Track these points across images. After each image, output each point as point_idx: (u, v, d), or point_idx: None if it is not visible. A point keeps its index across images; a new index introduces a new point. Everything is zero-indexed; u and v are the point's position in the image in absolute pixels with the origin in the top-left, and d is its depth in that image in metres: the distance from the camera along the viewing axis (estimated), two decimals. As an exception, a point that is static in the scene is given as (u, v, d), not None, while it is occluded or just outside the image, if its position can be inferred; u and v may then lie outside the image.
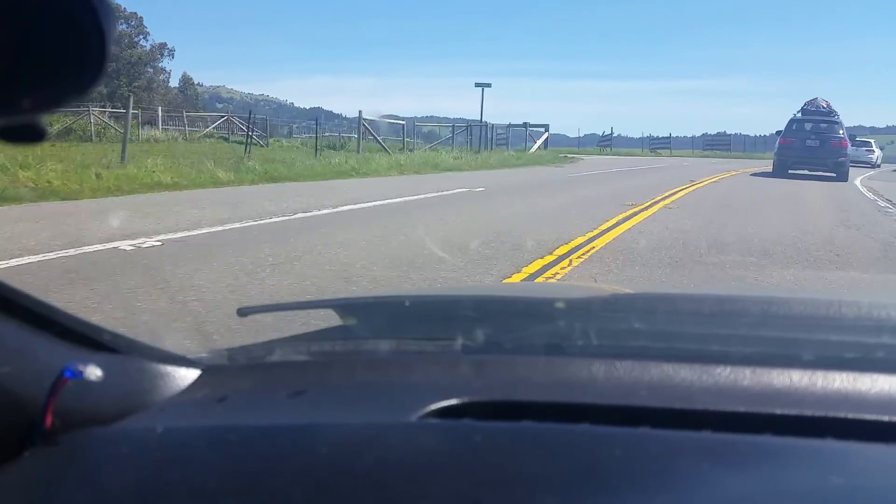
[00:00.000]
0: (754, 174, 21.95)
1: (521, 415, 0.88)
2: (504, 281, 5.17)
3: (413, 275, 5.28)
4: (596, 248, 6.81)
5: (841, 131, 21.08)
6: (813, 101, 22.90)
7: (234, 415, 0.97)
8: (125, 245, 6.05)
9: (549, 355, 1.11)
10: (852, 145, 22.01)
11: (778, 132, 22.11)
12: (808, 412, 0.87)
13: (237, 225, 7.60)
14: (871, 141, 38.90)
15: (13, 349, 0.87)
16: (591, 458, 0.79)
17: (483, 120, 29.56)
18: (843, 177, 19.84)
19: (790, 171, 20.34)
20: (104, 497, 0.78)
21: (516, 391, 0.98)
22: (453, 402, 0.93)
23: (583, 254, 6.48)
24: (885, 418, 0.86)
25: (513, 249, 6.48)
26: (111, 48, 0.56)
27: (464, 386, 0.99)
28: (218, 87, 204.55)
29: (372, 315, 1.56)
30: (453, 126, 36.06)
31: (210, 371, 1.09)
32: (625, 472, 0.77)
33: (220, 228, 7.32)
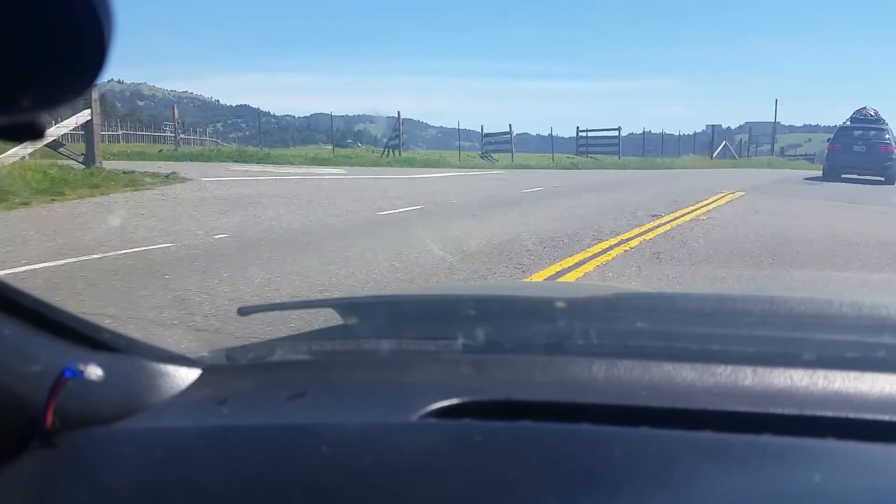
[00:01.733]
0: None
1: (522, 414, 0.88)
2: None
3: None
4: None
5: (888, 136, 22.17)
6: (861, 110, 24.12)
7: (234, 415, 0.97)
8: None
9: (549, 355, 1.11)
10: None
11: (828, 139, 24.03)
12: (809, 412, 0.87)
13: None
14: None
15: (14, 348, 0.87)
16: (592, 458, 0.79)
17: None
18: (890, 180, 20.85)
19: (842, 176, 21.47)
20: (104, 497, 0.78)
21: (516, 391, 0.98)
22: (454, 401, 0.93)
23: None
24: (886, 418, 0.86)
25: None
26: (111, 47, 0.56)
27: (464, 385, 0.99)
28: (139, 84, 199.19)
29: (372, 314, 1.57)
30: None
31: (210, 371, 1.09)
32: (625, 471, 0.77)
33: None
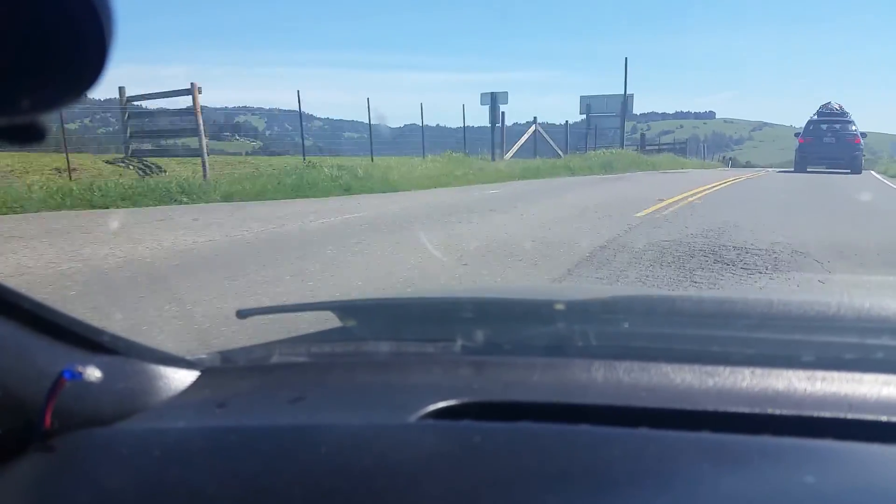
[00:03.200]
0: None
1: (521, 416, 0.88)
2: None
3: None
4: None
5: (854, 128, 23.51)
6: (827, 104, 25.40)
7: (233, 416, 0.97)
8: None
9: (548, 356, 1.11)
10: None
11: (796, 133, 25.22)
12: (808, 413, 0.87)
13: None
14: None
15: (13, 350, 0.87)
16: (591, 459, 0.79)
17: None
18: (857, 170, 22.25)
19: (808, 169, 23.01)
20: (104, 497, 0.78)
21: (515, 392, 0.98)
22: (452, 402, 0.93)
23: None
24: (884, 419, 0.86)
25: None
26: (111, 49, 0.56)
27: (463, 387, 0.99)
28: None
29: (371, 316, 1.57)
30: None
31: (209, 373, 1.09)
32: (624, 472, 0.76)
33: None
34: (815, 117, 24.79)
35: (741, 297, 1.34)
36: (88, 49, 0.55)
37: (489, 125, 24.98)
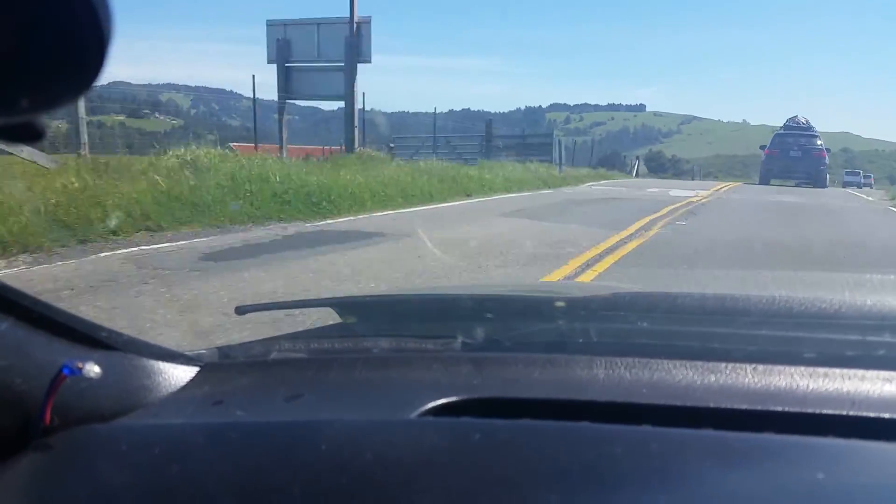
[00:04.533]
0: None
1: (521, 412, 0.88)
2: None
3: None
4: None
5: (819, 142, 23.87)
6: (794, 118, 25.74)
7: (232, 412, 0.96)
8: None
9: (549, 353, 1.11)
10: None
11: (762, 146, 25.51)
12: (810, 410, 0.88)
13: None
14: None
15: (12, 347, 0.86)
16: (592, 456, 0.79)
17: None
18: (822, 184, 22.26)
19: (771, 182, 23.17)
20: (103, 493, 0.78)
21: (516, 389, 0.98)
22: (452, 399, 0.93)
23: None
24: (887, 416, 0.86)
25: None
26: (110, 47, 0.55)
27: (463, 383, 0.99)
28: None
29: (371, 313, 1.56)
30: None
31: (208, 369, 1.08)
32: (625, 470, 0.76)
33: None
34: (782, 130, 25.13)
35: (742, 294, 1.35)
36: (87, 48, 0.55)
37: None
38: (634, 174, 30.84)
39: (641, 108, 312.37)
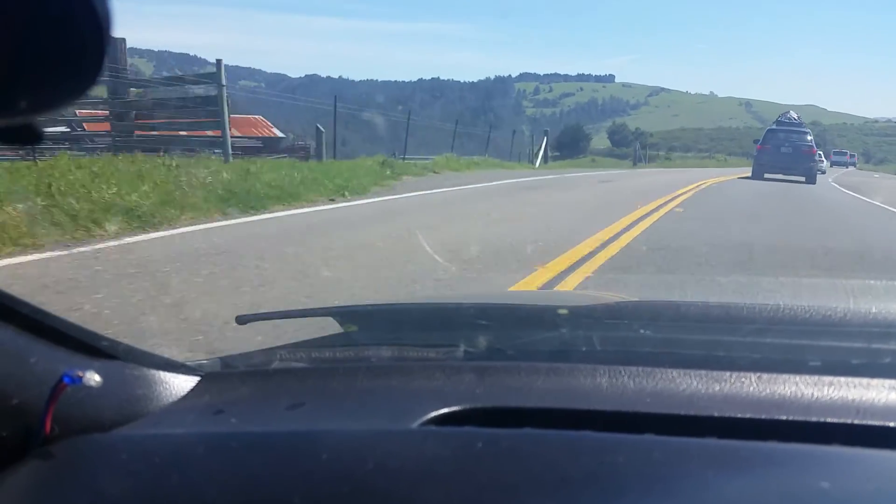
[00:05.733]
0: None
1: (524, 422, 0.87)
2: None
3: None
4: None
5: (809, 139, 24.61)
6: (786, 114, 27.06)
7: (233, 422, 0.96)
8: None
9: (552, 362, 1.11)
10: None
11: (755, 140, 25.95)
12: (815, 418, 0.87)
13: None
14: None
15: (12, 356, 0.86)
16: (595, 465, 0.79)
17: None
18: (812, 180, 22.98)
19: (766, 176, 23.42)
20: (103, 502, 0.78)
21: (518, 398, 0.97)
22: (455, 408, 0.92)
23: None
24: (892, 424, 0.86)
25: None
26: (109, 49, 0.56)
27: (466, 392, 0.98)
28: None
29: (372, 322, 1.56)
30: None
31: (209, 378, 1.08)
32: (629, 479, 0.76)
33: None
34: (774, 126, 25.94)
35: (746, 303, 1.35)
36: (86, 50, 0.55)
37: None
38: (538, 163, 27.04)
39: (611, 78, 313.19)
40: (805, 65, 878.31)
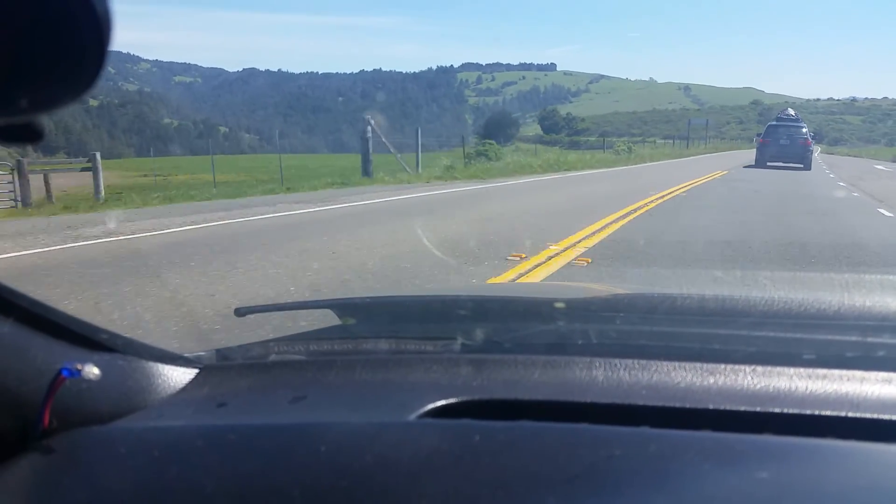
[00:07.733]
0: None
1: (521, 414, 0.88)
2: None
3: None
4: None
5: (805, 131, 29.47)
6: (784, 111, 32.49)
7: (232, 414, 0.96)
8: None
9: (548, 354, 1.11)
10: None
11: (758, 134, 31.40)
12: (809, 411, 0.88)
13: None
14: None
15: (11, 349, 0.86)
16: (591, 458, 0.79)
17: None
18: (808, 166, 27.58)
19: (768, 164, 28.23)
20: (102, 496, 0.78)
21: (515, 390, 0.98)
22: (452, 401, 0.93)
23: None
24: (887, 417, 0.86)
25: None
26: (110, 49, 0.56)
27: (463, 385, 0.99)
28: None
29: (370, 314, 1.56)
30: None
31: (208, 370, 1.08)
32: (624, 471, 0.76)
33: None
34: (774, 122, 30.72)
35: (742, 295, 1.36)
36: (86, 49, 0.55)
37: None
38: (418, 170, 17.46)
39: (552, 67, 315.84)
40: (742, 48, 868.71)
